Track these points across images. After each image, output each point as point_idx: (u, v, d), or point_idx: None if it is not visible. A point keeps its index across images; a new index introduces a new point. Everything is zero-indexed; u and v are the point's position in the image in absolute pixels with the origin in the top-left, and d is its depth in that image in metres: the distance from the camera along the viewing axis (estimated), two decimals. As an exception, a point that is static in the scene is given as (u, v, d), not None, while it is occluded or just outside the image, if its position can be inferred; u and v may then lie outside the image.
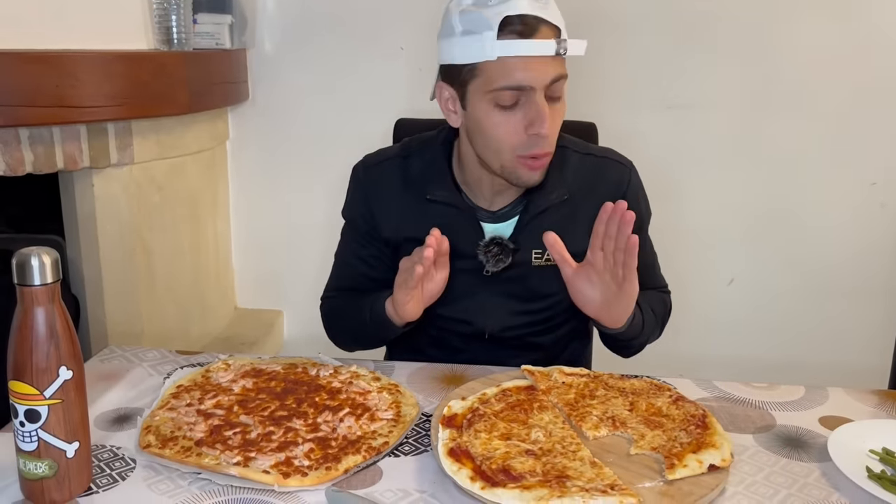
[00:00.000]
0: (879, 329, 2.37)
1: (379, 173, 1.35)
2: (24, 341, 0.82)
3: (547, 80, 1.13)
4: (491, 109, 1.15)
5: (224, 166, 2.51)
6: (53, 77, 1.70)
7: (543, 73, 1.12)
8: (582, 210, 1.28)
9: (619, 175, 1.33)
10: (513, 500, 0.84)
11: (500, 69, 1.12)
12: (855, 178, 2.31)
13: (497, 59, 1.11)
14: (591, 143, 1.37)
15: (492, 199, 1.29)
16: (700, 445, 0.95)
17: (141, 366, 1.23)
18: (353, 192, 1.38)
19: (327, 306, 1.44)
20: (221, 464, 0.91)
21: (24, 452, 0.85)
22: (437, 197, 1.28)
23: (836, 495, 0.90)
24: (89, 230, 1.98)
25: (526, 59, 1.11)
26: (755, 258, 2.40)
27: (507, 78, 1.12)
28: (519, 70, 1.11)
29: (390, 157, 1.36)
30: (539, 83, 1.12)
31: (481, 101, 1.16)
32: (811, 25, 2.21)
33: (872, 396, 1.16)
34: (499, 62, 1.11)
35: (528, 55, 1.10)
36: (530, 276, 1.31)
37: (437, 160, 1.31)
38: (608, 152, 1.37)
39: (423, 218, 1.29)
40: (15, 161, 1.75)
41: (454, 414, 1.02)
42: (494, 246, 1.28)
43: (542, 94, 1.13)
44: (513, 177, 1.20)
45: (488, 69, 1.13)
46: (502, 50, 1.10)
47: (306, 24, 2.38)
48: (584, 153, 1.33)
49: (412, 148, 1.35)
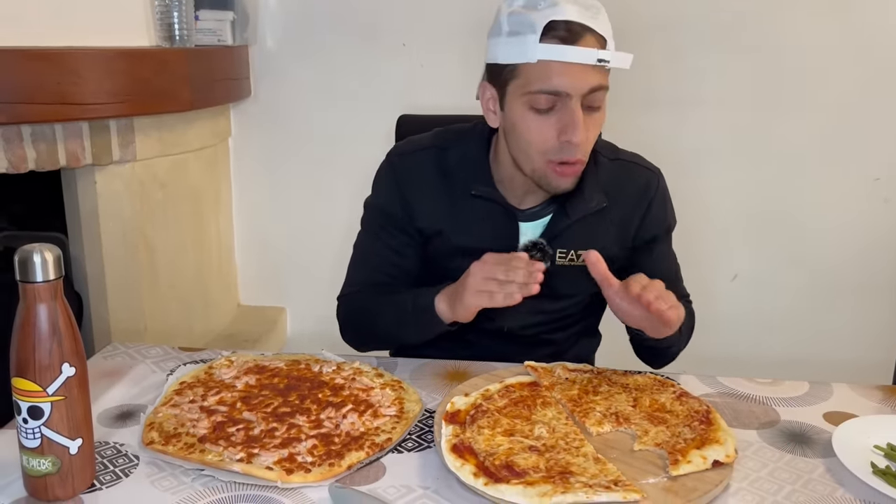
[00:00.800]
0: (883, 324, 2.37)
1: (415, 163, 1.31)
2: (26, 338, 0.82)
3: (584, 89, 1.11)
4: (526, 112, 1.14)
5: (226, 163, 2.51)
6: (55, 74, 1.70)
7: (582, 81, 1.10)
8: (611, 214, 1.29)
9: (647, 180, 1.32)
10: (516, 496, 0.84)
11: (538, 72, 1.11)
12: (858, 174, 2.31)
13: (537, 61, 1.10)
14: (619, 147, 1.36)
15: (522, 197, 1.28)
16: (704, 441, 0.94)
17: (144, 362, 1.23)
18: (385, 180, 1.34)
19: (352, 302, 1.37)
20: (225, 460, 0.91)
21: (27, 449, 0.85)
22: (481, 192, 1.26)
23: (840, 491, 0.90)
24: (92, 227, 1.98)
25: (565, 65, 1.09)
26: (758, 254, 2.40)
27: (544, 81, 1.11)
28: (557, 75, 1.10)
29: (426, 147, 1.32)
30: (576, 90, 1.11)
31: (518, 103, 1.15)
32: (813, 21, 2.20)
33: (877, 392, 1.15)
34: (538, 65, 1.10)
35: (567, 61, 1.09)
36: (554, 276, 1.27)
37: (477, 154, 1.29)
38: (636, 157, 1.36)
39: (461, 213, 1.28)
40: (17, 158, 1.75)
41: (457, 410, 1.02)
42: (537, 251, 1.26)
43: (578, 102, 1.11)
44: (543, 182, 1.19)
45: (528, 71, 1.12)
46: (543, 53, 1.09)
47: (308, 20, 2.38)
48: (612, 158, 1.32)
49: (448, 139, 1.32)
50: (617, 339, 1.42)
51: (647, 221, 1.32)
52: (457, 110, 1.62)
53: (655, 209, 1.32)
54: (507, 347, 1.30)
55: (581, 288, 1.31)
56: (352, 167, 2.42)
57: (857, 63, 2.22)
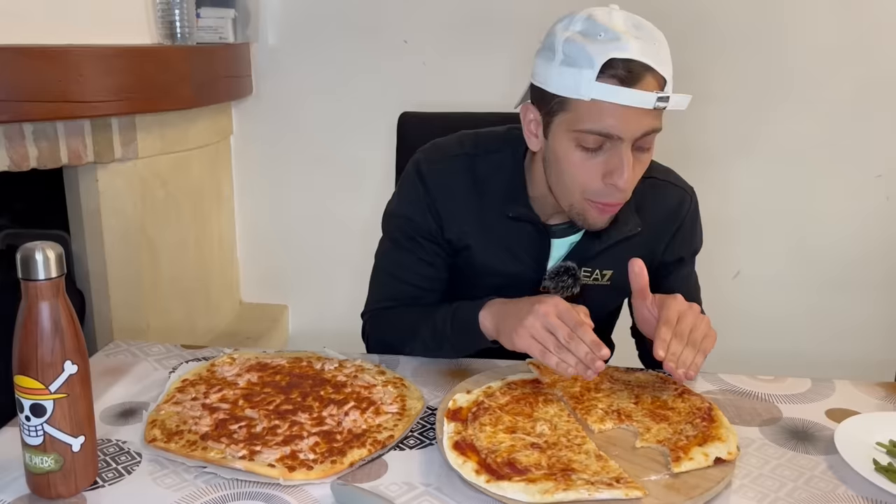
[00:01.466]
0: (885, 321, 2.37)
1: (445, 172, 1.24)
2: (28, 336, 0.82)
3: (638, 133, 1.05)
4: (572, 148, 1.08)
5: (228, 161, 2.51)
6: (57, 72, 1.70)
7: (636, 125, 1.04)
8: (641, 237, 1.24)
9: (680, 201, 1.29)
10: (518, 493, 0.84)
11: (591, 110, 1.04)
12: (860, 172, 2.30)
13: (591, 100, 1.03)
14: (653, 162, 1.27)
15: (550, 216, 1.23)
16: (706, 438, 0.94)
17: (146, 360, 1.23)
18: (413, 189, 1.25)
19: (382, 319, 1.31)
20: (227, 458, 0.91)
21: (29, 447, 0.85)
22: (518, 214, 1.20)
23: (842, 488, 0.90)
24: (94, 225, 1.98)
25: (621, 108, 1.02)
26: (760, 252, 2.40)
27: (596, 122, 1.04)
28: (610, 117, 1.03)
29: (457, 155, 1.25)
30: (628, 135, 1.04)
31: (565, 137, 1.08)
32: (816, 18, 2.20)
33: (879, 389, 1.15)
34: (592, 103, 1.03)
35: (625, 104, 1.02)
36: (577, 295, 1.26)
37: (512, 173, 1.23)
38: (670, 175, 1.31)
39: (492, 230, 1.24)
40: (19, 156, 1.75)
41: (459, 407, 1.02)
42: (567, 276, 1.23)
43: (629, 146, 1.05)
44: (579, 218, 1.14)
45: (579, 107, 1.05)
46: (598, 93, 1.01)
47: (310, 17, 2.38)
48: (645, 177, 1.22)
49: (480, 148, 1.25)
50: (619, 338, 1.43)
51: (676, 242, 1.29)
52: (459, 107, 1.62)
53: (685, 231, 1.29)
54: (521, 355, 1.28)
55: (601, 307, 1.30)
56: (354, 164, 2.42)
57: (860, 61, 2.22)
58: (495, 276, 1.21)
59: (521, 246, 1.23)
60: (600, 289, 1.26)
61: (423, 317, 1.22)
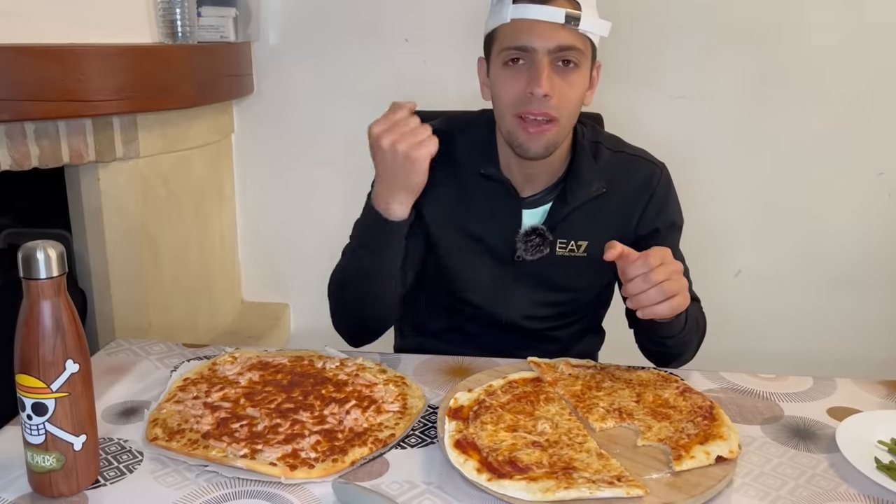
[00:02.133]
0: (887, 319, 2.37)
1: None
2: (30, 335, 0.82)
3: (550, 45, 1.15)
4: (500, 69, 1.20)
5: (229, 160, 2.51)
6: (58, 71, 1.70)
7: (547, 38, 1.15)
8: (612, 205, 1.30)
9: (650, 173, 1.33)
10: (519, 491, 0.84)
11: (510, 31, 1.17)
12: (862, 169, 2.30)
13: (510, 21, 1.16)
14: (626, 142, 1.38)
15: (524, 185, 1.29)
16: (707, 437, 0.94)
17: (148, 359, 1.23)
18: None
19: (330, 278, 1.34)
20: (228, 456, 0.91)
21: (31, 445, 0.85)
22: (489, 172, 1.28)
23: (844, 486, 0.90)
24: (95, 224, 1.98)
25: (533, 22, 1.15)
26: (762, 250, 2.40)
27: (513, 38, 1.17)
28: (524, 31, 1.16)
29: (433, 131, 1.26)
30: (541, 46, 1.15)
31: (496, 63, 1.21)
32: (819, 15, 2.20)
33: (881, 387, 1.15)
34: (511, 24, 1.17)
35: (535, 19, 1.14)
36: (555, 266, 1.30)
37: (484, 141, 1.31)
38: (641, 151, 1.37)
39: (467, 195, 1.30)
40: (21, 155, 1.75)
41: (460, 406, 1.02)
42: (536, 236, 1.28)
43: (544, 57, 1.15)
44: (515, 143, 1.21)
45: (503, 32, 1.19)
46: (514, 13, 1.16)
47: (310, 16, 2.38)
48: (615, 150, 1.33)
49: (453, 127, 1.33)
50: (620, 336, 1.42)
51: (649, 213, 1.32)
52: (460, 106, 1.62)
53: (658, 201, 1.32)
54: (511, 343, 1.30)
55: (581, 281, 1.33)
56: (355, 163, 2.41)
57: (863, 58, 2.21)
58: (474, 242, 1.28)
59: (495, 209, 1.29)
60: (578, 261, 1.30)
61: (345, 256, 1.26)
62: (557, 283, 1.33)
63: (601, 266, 1.31)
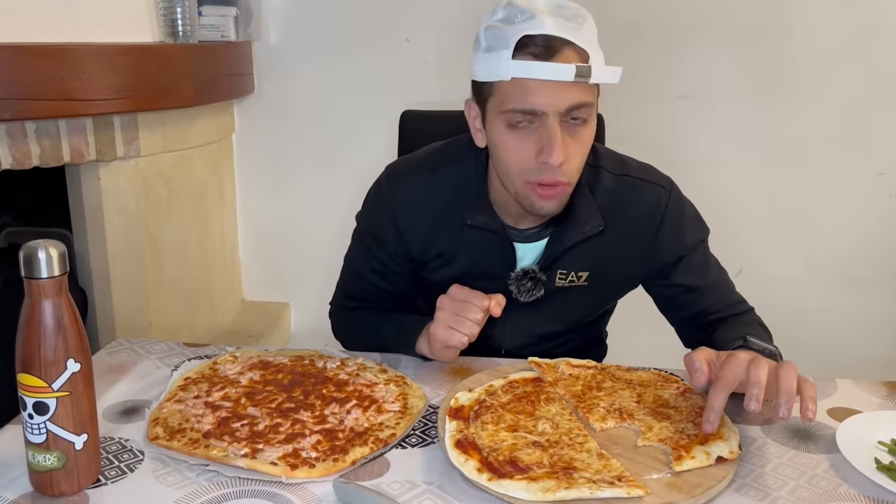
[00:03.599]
0: (887, 320, 2.37)
1: (408, 190, 1.26)
2: (31, 334, 0.82)
3: (562, 107, 1.05)
4: (504, 131, 1.09)
5: (230, 159, 2.51)
6: (59, 70, 1.70)
7: (559, 99, 1.04)
8: (615, 236, 1.22)
9: (657, 199, 1.24)
10: (520, 491, 0.84)
11: (513, 90, 1.06)
12: (862, 169, 2.30)
13: (511, 79, 1.04)
14: (630, 159, 1.29)
15: (518, 218, 1.23)
16: (708, 437, 0.94)
17: (148, 358, 1.23)
18: (376, 206, 1.29)
19: (340, 317, 1.39)
20: (229, 455, 0.92)
21: (32, 444, 0.85)
22: (476, 223, 1.21)
23: (844, 487, 0.90)
24: (96, 223, 1.98)
25: (541, 83, 1.03)
26: (762, 250, 2.40)
27: (519, 100, 1.05)
28: (531, 93, 1.04)
29: (418, 172, 1.27)
30: (552, 109, 1.05)
31: (497, 122, 1.10)
32: (819, 14, 2.20)
33: (881, 388, 1.15)
34: (513, 83, 1.05)
35: (542, 78, 1.03)
36: (554, 296, 1.26)
37: (473, 180, 1.23)
38: (645, 173, 1.27)
39: (456, 240, 1.25)
40: (22, 154, 1.75)
41: (461, 406, 1.03)
42: (528, 280, 1.23)
43: (556, 120, 1.05)
44: (527, 204, 1.13)
45: (503, 89, 1.07)
46: (515, 71, 1.03)
47: (311, 15, 2.38)
48: (618, 174, 1.24)
49: (443, 160, 1.26)
50: (621, 339, 1.43)
51: (665, 243, 1.25)
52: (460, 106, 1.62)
53: (670, 228, 1.25)
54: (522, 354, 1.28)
55: (580, 309, 1.30)
56: (356, 163, 2.42)
57: (863, 58, 2.21)
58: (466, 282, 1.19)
59: (486, 254, 1.24)
60: (579, 290, 1.26)
61: (372, 328, 1.27)
62: (557, 313, 1.29)
63: (604, 292, 1.30)
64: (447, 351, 1.15)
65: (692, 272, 1.28)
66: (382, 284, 1.33)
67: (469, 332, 1.11)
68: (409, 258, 1.29)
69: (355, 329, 1.35)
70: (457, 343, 1.11)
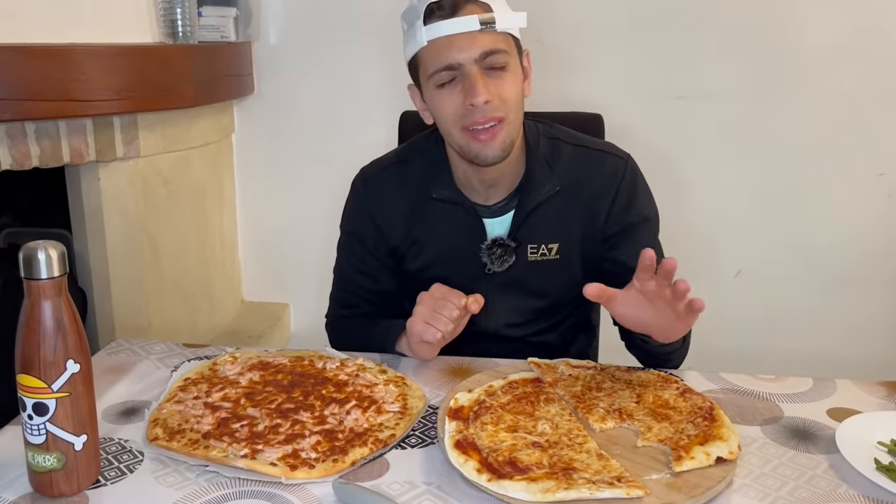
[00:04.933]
0: (887, 320, 2.37)
1: (379, 183, 1.35)
2: (31, 335, 0.82)
3: (475, 55, 1.14)
4: (435, 92, 1.19)
5: (230, 159, 2.51)
6: (59, 71, 1.70)
7: (469, 49, 1.14)
8: (574, 203, 1.28)
9: (614, 167, 1.30)
10: (519, 491, 0.84)
11: (431, 53, 1.16)
12: (862, 170, 2.30)
13: (427, 43, 1.15)
14: (591, 137, 1.36)
15: (485, 194, 1.29)
16: (707, 437, 0.94)
17: (148, 359, 1.23)
18: (353, 206, 1.37)
19: (335, 328, 1.44)
20: (229, 456, 0.92)
21: (32, 445, 0.85)
22: (441, 196, 1.29)
23: (843, 487, 0.90)
24: (96, 224, 1.98)
25: (450, 38, 1.14)
26: (762, 250, 2.39)
27: (436, 60, 1.16)
28: (445, 49, 1.15)
29: (388, 166, 1.36)
30: (466, 58, 1.14)
31: (429, 89, 1.20)
32: (818, 14, 2.20)
33: (880, 388, 1.15)
34: (430, 47, 1.16)
35: (449, 34, 1.13)
36: (528, 272, 1.30)
37: (437, 160, 1.31)
38: (604, 145, 1.34)
39: (427, 218, 1.30)
40: (21, 155, 1.75)
41: (461, 406, 1.03)
42: (497, 247, 1.28)
43: (473, 67, 1.14)
44: (471, 154, 1.20)
45: (424, 56, 1.18)
46: (428, 34, 1.15)
47: (311, 15, 2.38)
48: (576, 145, 1.32)
49: (411, 152, 1.36)
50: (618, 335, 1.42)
51: (617, 209, 1.29)
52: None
53: (624, 196, 1.29)
54: (503, 351, 1.30)
55: (557, 284, 1.32)
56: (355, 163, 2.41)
57: (863, 58, 2.21)
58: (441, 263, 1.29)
59: (457, 232, 1.30)
60: (551, 264, 1.30)
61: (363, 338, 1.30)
62: (533, 288, 1.32)
63: (576, 267, 1.32)
64: (423, 346, 1.18)
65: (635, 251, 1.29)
66: (368, 284, 1.38)
67: (444, 329, 1.14)
68: (389, 252, 1.35)
69: (349, 336, 1.37)
70: (431, 338, 1.14)
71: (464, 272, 1.30)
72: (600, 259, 1.32)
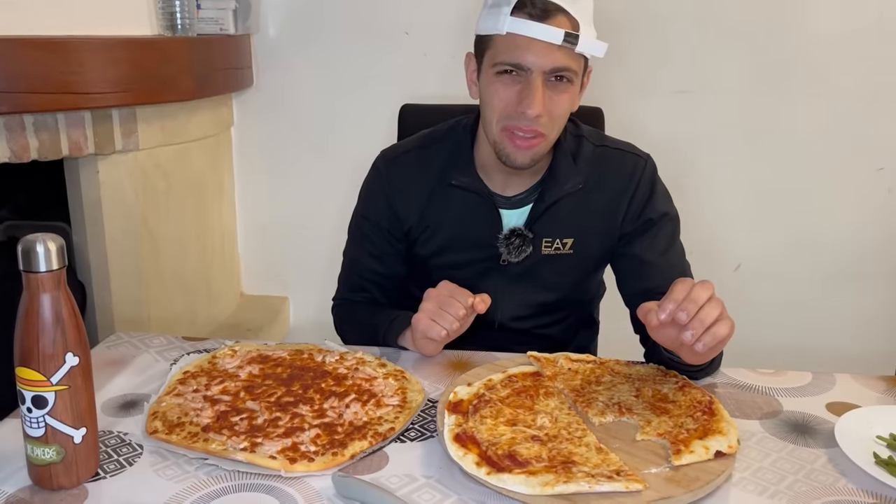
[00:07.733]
0: (886, 314, 2.37)
1: (401, 165, 1.35)
2: (30, 328, 0.82)
3: (547, 66, 1.14)
4: (493, 79, 1.18)
5: (229, 152, 2.51)
6: (58, 63, 1.69)
7: (545, 59, 1.13)
8: (594, 200, 1.29)
9: (633, 166, 1.31)
10: (518, 485, 0.84)
11: (507, 44, 1.15)
12: (862, 164, 2.30)
13: (506, 34, 1.14)
14: (611, 137, 1.37)
15: (505, 184, 1.29)
16: (706, 432, 0.95)
17: (147, 352, 1.23)
18: (372, 185, 1.37)
19: (341, 310, 1.43)
20: (228, 449, 0.92)
21: (31, 438, 0.85)
22: (461, 183, 1.29)
23: (843, 481, 0.90)
24: (95, 217, 1.98)
25: (531, 41, 1.12)
26: (762, 244, 2.40)
27: (509, 54, 1.15)
28: (522, 49, 1.14)
29: (410, 150, 1.36)
30: (537, 67, 1.14)
31: (489, 72, 1.19)
32: (820, 9, 2.19)
33: (880, 382, 1.15)
34: (507, 37, 1.14)
35: (532, 37, 1.12)
36: (541, 265, 1.31)
37: (460, 146, 1.31)
38: (625, 145, 1.35)
39: (443, 204, 1.31)
40: (20, 148, 1.75)
41: (460, 400, 1.03)
42: (516, 238, 1.28)
43: (539, 77, 1.14)
44: (502, 153, 1.21)
45: (498, 43, 1.16)
46: (511, 26, 1.13)
47: (310, 8, 2.37)
48: (598, 144, 1.32)
49: (434, 138, 1.35)
50: (618, 330, 1.42)
51: (636, 206, 1.30)
52: (459, 99, 1.61)
53: (643, 193, 1.31)
54: (506, 343, 1.30)
55: (569, 279, 1.33)
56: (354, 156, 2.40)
57: (863, 52, 2.21)
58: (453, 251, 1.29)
59: (473, 220, 1.30)
60: (565, 258, 1.30)
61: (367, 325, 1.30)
62: (545, 282, 1.33)
63: (587, 263, 1.33)
64: (427, 342, 1.18)
65: (652, 246, 1.31)
66: (378, 268, 1.38)
67: (449, 327, 1.14)
68: (401, 236, 1.35)
69: (353, 321, 1.38)
70: (435, 335, 1.14)
71: (475, 261, 1.30)
72: (615, 256, 1.33)
